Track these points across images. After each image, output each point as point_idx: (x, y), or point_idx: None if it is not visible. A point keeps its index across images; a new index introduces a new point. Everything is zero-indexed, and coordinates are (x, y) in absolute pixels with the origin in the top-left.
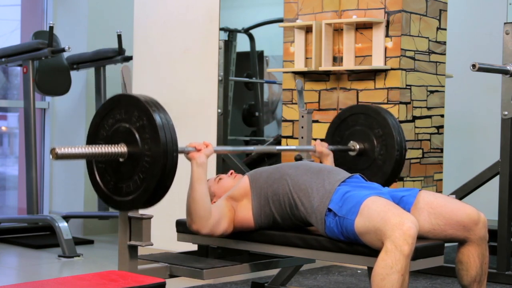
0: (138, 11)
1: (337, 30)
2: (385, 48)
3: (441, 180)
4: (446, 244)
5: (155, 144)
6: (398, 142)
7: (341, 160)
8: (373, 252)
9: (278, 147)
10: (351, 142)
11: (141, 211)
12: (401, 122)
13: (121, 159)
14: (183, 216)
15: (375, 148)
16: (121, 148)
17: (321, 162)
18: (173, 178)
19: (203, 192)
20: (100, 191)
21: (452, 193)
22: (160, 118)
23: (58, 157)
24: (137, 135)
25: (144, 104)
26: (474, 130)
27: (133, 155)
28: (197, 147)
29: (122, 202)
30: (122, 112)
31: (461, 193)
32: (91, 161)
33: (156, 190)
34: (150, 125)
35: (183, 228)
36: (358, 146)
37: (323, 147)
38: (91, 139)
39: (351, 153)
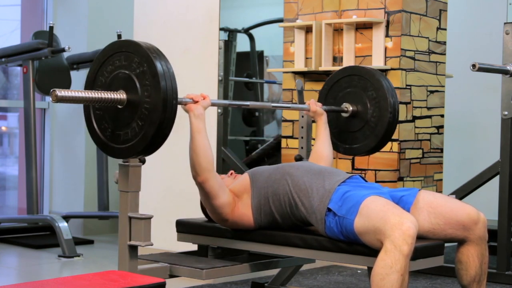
0: (138, 11)
1: (337, 30)
2: (385, 48)
3: (441, 180)
4: (446, 244)
5: (155, 91)
6: (391, 105)
7: (334, 122)
8: (373, 252)
9: (273, 104)
10: (344, 103)
11: (141, 211)
12: (401, 122)
13: (119, 106)
14: (183, 216)
15: (368, 110)
16: (120, 95)
17: (314, 121)
18: (172, 127)
19: (204, 143)
20: (97, 138)
21: (452, 193)
22: (160, 65)
23: (58, 99)
24: (137, 82)
25: (145, 50)
26: (474, 130)
27: (132, 102)
28: (195, 99)
29: (119, 150)
30: (122, 58)
31: (461, 193)
32: (89, 107)
33: (154, 138)
34: (151, 72)
35: (183, 228)
36: (351, 108)
37: (317, 107)
38: (89, 86)
39: (344, 115)
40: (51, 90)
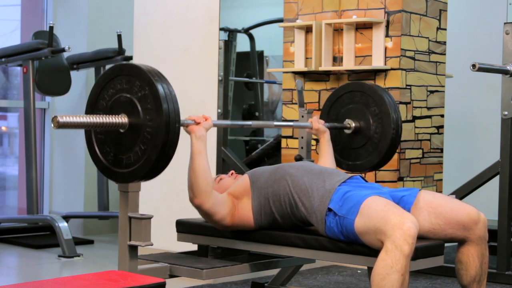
0: (138, 11)
1: (337, 30)
2: (385, 48)
3: (441, 180)
4: (446, 244)
5: (157, 114)
6: (394, 121)
7: (336, 138)
8: (373, 252)
9: (275, 123)
10: (347, 120)
11: (141, 211)
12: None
13: (121, 130)
14: (183, 216)
15: (371, 126)
16: (122, 119)
17: (317, 139)
18: (175, 150)
19: (204, 165)
20: (99, 163)
21: (452, 193)
22: (162, 88)
23: (60, 125)
24: (138, 106)
25: (146, 74)
26: (474, 130)
27: (134, 126)
28: (196, 120)
29: (121, 174)
30: (123, 81)
31: (461, 193)
32: (90, 132)
33: (157, 162)
34: (152, 95)
35: (183, 228)
36: (353, 124)
37: (320, 124)
38: (90, 110)
39: (347, 131)
40: (52, 116)
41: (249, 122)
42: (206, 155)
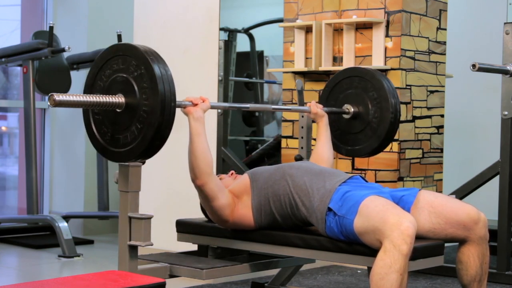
0: (138, 11)
1: (337, 30)
2: (385, 48)
3: (441, 180)
4: (446, 244)
5: (153, 94)
6: (392, 105)
7: (335, 123)
8: (373, 252)
9: (273, 106)
10: (345, 105)
11: (141, 211)
12: (401, 122)
13: (118, 110)
14: (183, 216)
15: (370, 111)
16: (119, 99)
17: (314, 122)
18: (170, 129)
19: (203, 146)
20: (96, 142)
21: (452, 193)
22: (158, 68)
23: (56, 103)
24: (135, 85)
25: (143, 53)
26: (474, 130)
27: (131, 106)
28: (194, 101)
29: (119, 153)
30: (120, 61)
31: (461, 193)
32: (88, 112)
33: (153, 141)
34: (148, 75)
35: (183, 228)
36: (352, 109)
37: (318, 108)
38: (88, 91)
39: (345, 116)
40: (49, 94)
41: (247, 105)
42: (205, 136)
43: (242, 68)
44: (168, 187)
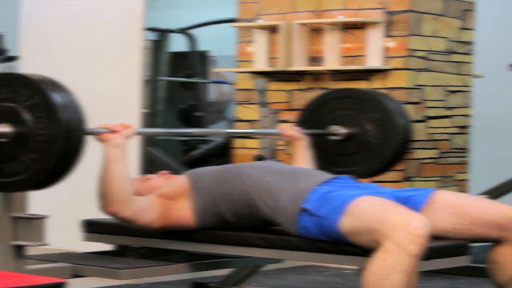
0: (27, 10)
1: (316, 30)
2: (385, 48)
3: (464, 180)
4: (474, 244)
5: (52, 123)
6: (401, 126)
7: (320, 145)
8: (364, 252)
9: (228, 130)
10: (333, 126)
11: (43, 211)
12: None
13: (3, 140)
14: (94, 215)
15: (369, 132)
16: (3, 128)
17: (290, 146)
18: (78, 158)
19: (121, 173)
20: None
21: (482, 193)
22: (59, 97)
23: None
24: (26, 115)
25: (36, 83)
26: (505, 131)
27: (21, 136)
28: (112, 129)
29: (5, 183)
30: (5, 91)
31: (494, 194)
32: None
33: (56, 170)
34: (44, 104)
35: (93, 228)
36: (343, 131)
37: (293, 131)
38: None
39: (334, 138)
40: None
41: (191, 130)
42: (125, 163)
43: (182, 68)
44: (74, 186)
